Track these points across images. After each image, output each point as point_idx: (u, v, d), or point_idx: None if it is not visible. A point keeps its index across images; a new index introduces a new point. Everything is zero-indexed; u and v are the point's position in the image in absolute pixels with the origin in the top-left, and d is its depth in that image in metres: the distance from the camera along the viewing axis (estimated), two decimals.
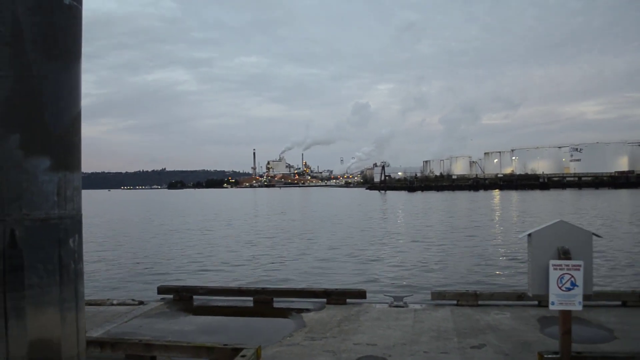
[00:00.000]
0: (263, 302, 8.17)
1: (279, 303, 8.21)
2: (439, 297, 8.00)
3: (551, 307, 4.79)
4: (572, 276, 4.75)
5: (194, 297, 8.50)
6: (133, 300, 8.35)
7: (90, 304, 8.23)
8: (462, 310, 7.48)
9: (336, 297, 8.10)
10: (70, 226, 3.09)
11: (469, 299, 7.79)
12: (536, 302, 7.49)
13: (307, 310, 7.76)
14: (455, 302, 7.85)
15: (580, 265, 4.75)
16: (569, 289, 4.76)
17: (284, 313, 7.76)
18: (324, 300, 8.13)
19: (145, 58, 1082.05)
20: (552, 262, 4.78)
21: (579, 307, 4.78)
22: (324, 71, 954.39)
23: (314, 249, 20.59)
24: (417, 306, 7.90)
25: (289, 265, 16.70)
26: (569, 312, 4.83)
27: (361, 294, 8.15)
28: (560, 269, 4.76)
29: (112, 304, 8.14)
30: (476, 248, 19.51)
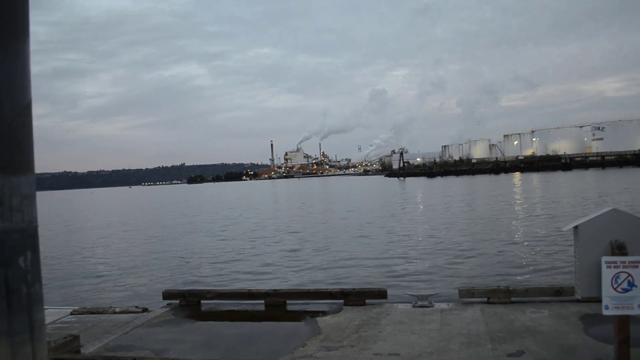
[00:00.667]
0: (275, 305, 7.56)
1: (293, 306, 7.59)
2: (468, 294, 7.28)
3: (605, 312, 4.07)
4: (630, 275, 4.02)
5: (202, 301, 7.92)
6: (137, 307, 7.82)
7: (92, 313, 7.75)
8: (493, 309, 6.76)
9: (354, 297, 7.44)
10: (19, 242, 2.48)
11: (500, 296, 7.06)
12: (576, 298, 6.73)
13: (323, 313, 7.13)
14: (485, 299, 7.13)
15: (638, 262, 4.01)
16: (625, 290, 4.04)
17: (297, 317, 7.13)
18: (341, 301, 7.49)
19: (160, 54, 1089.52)
20: (604, 259, 4.05)
21: (639, 311, 4.06)
22: (338, 60, 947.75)
23: (332, 242, 19.96)
24: (444, 305, 7.19)
25: (306, 260, 16.10)
26: (627, 317, 4.10)
27: (381, 294, 7.47)
28: (614, 267, 4.03)
29: (115, 312, 7.62)
30: (503, 237, 18.65)
